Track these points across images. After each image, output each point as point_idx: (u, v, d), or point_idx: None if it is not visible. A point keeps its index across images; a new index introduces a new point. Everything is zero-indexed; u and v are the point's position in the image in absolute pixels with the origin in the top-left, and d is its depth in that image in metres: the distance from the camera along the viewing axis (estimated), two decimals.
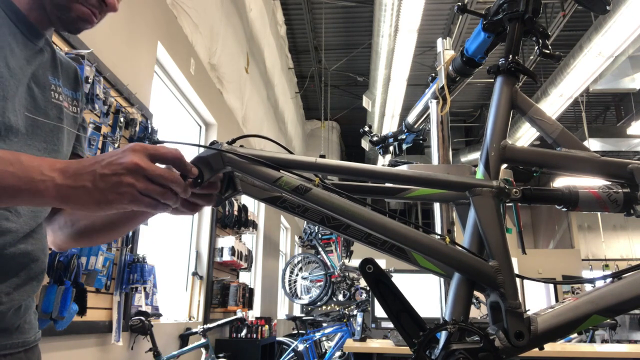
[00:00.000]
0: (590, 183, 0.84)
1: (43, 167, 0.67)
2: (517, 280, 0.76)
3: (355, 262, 6.79)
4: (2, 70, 0.79)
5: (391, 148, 2.05)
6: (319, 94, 9.52)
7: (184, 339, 3.78)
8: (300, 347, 5.48)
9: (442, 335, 0.71)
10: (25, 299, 0.85)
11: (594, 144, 8.61)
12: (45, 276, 1.10)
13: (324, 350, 6.04)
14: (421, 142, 1.98)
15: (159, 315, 3.18)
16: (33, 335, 0.89)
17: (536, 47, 0.97)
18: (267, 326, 5.17)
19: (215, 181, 0.80)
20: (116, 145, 2.59)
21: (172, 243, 4.08)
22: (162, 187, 0.68)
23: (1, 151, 0.68)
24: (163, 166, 0.71)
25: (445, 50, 1.56)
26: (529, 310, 0.75)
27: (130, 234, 2.80)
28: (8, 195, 0.66)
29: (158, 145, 0.71)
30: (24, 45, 0.86)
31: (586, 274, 11.68)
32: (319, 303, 6.76)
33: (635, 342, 5.42)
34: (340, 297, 6.67)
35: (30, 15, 0.87)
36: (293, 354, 5.55)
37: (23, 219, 0.83)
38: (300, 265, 7.11)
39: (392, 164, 1.41)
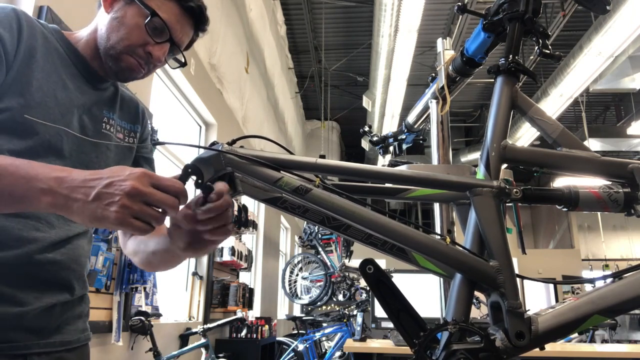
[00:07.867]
0: (590, 183, 0.84)
1: (40, 174, 0.69)
2: (517, 280, 0.76)
3: (355, 262, 6.78)
4: (47, 99, 0.85)
5: (391, 148, 2.05)
6: (319, 94, 9.51)
7: (184, 339, 3.78)
8: (300, 347, 5.47)
9: (443, 336, 0.71)
10: (55, 301, 0.88)
11: (594, 144, 8.61)
12: None
13: (324, 350, 6.04)
14: (421, 142, 1.97)
15: (159, 315, 3.18)
16: (76, 336, 0.93)
17: (536, 47, 0.97)
18: (267, 326, 5.16)
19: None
20: None
21: None
22: (159, 213, 0.69)
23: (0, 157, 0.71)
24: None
25: (445, 50, 1.55)
26: (529, 310, 0.75)
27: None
28: (5, 200, 0.69)
29: (165, 178, 0.71)
30: (84, 85, 0.94)
31: (586, 274, 11.67)
32: (319, 303, 6.75)
33: (635, 342, 5.43)
34: (340, 297, 6.66)
35: (92, 64, 0.95)
36: (293, 354, 5.54)
37: (55, 230, 0.87)
38: (300, 265, 7.11)
39: (392, 164, 1.40)
